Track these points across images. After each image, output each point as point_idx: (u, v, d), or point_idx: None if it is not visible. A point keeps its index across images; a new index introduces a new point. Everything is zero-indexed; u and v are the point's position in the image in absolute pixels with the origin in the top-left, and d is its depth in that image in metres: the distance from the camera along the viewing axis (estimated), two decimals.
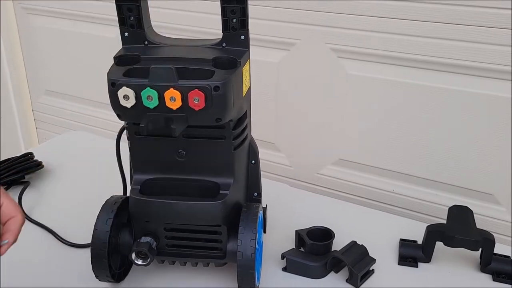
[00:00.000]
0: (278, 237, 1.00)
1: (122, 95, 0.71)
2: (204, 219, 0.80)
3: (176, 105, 0.71)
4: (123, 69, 0.74)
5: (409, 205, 1.20)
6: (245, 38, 0.79)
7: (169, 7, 1.31)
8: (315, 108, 1.23)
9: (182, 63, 0.74)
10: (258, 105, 0.98)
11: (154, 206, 0.80)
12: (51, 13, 1.56)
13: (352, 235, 0.97)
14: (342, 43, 1.14)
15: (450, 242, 0.89)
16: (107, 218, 0.82)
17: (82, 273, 0.89)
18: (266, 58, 1.23)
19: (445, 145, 1.11)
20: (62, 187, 1.19)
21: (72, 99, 1.68)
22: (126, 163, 0.90)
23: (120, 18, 0.80)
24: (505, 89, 1.00)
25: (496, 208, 1.11)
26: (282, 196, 1.15)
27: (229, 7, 0.77)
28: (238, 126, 0.80)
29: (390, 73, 1.11)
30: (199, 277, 0.90)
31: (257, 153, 0.88)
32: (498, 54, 0.98)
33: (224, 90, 0.71)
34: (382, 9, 1.06)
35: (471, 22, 0.99)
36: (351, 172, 1.26)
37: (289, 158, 1.34)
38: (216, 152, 0.80)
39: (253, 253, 0.78)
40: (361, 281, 0.88)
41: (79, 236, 0.99)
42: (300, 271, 0.91)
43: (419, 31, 1.04)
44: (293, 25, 1.18)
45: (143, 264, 0.80)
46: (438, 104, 1.08)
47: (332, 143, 1.25)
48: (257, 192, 0.90)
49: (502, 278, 0.90)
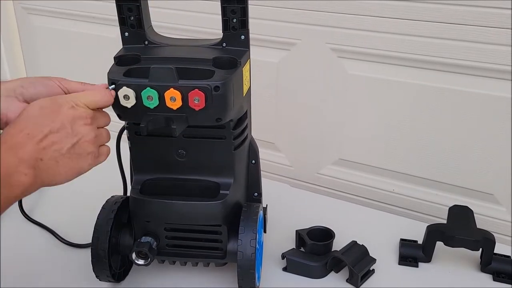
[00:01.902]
0: (279, 237, 1.00)
1: (122, 95, 0.71)
2: (204, 219, 0.80)
3: (176, 105, 0.71)
4: (123, 69, 0.74)
5: (409, 205, 1.20)
6: (245, 38, 0.79)
7: (169, 7, 1.31)
8: (315, 108, 1.23)
9: (182, 63, 0.74)
10: (258, 105, 0.98)
11: (154, 206, 0.80)
12: (51, 13, 1.56)
13: (353, 235, 0.97)
14: (342, 43, 1.14)
15: (451, 242, 0.89)
16: (108, 218, 0.82)
17: (82, 273, 0.89)
18: (266, 58, 1.23)
19: (445, 145, 1.11)
20: (62, 187, 1.18)
21: None
22: (126, 163, 0.90)
23: (120, 18, 0.80)
24: (505, 89, 1.00)
25: (496, 208, 1.11)
26: (283, 196, 1.15)
27: (229, 7, 0.77)
28: (238, 126, 0.80)
29: (390, 73, 1.11)
30: (199, 277, 0.90)
31: (258, 153, 0.88)
32: (499, 54, 0.98)
33: (224, 90, 0.71)
34: (382, 9, 1.06)
35: (472, 22, 0.99)
36: (351, 172, 1.26)
37: (289, 158, 1.33)
38: (216, 152, 0.80)
39: (253, 253, 0.78)
40: (361, 281, 0.88)
41: (79, 236, 0.99)
42: (301, 271, 0.91)
43: (419, 31, 1.04)
44: (293, 25, 1.18)
45: (143, 264, 0.80)
46: (438, 104, 1.08)
47: (332, 143, 1.25)
48: (257, 192, 0.90)
49: (503, 278, 0.90)
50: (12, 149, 0.57)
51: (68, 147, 0.62)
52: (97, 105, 0.67)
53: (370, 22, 1.09)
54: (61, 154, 0.61)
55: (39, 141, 0.59)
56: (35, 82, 0.70)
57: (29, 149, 0.58)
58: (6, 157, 0.56)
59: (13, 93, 0.68)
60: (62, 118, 0.62)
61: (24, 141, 0.58)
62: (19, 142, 0.58)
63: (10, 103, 0.67)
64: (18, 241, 1.01)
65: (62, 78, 0.72)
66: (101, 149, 0.67)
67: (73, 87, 0.71)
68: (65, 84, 0.71)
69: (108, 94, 0.69)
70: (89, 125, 0.64)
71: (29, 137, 0.59)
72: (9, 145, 0.58)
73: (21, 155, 0.57)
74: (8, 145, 0.58)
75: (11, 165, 0.56)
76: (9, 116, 0.66)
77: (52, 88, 0.70)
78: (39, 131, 0.59)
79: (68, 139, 0.62)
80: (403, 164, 1.18)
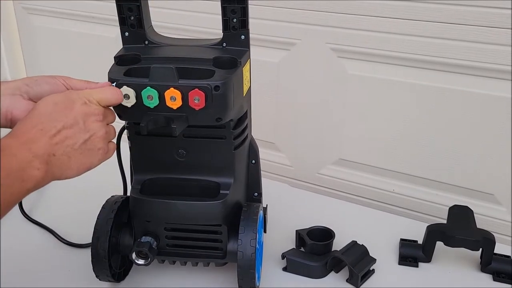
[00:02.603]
0: (279, 237, 1.00)
1: (122, 94, 0.71)
2: (204, 219, 0.80)
3: (176, 105, 0.71)
4: (123, 68, 0.74)
5: (410, 205, 1.20)
6: (245, 38, 0.79)
7: (169, 7, 1.31)
8: (315, 108, 1.23)
9: (182, 63, 0.74)
10: (258, 105, 0.98)
11: (154, 206, 0.80)
12: (51, 13, 1.56)
13: (352, 235, 0.97)
14: (342, 43, 1.14)
15: (451, 242, 0.89)
16: (108, 218, 0.82)
17: (82, 273, 0.89)
18: (267, 58, 1.23)
19: (445, 145, 1.11)
20: (62, 187, 1.19)
21: None
22: (126, 163, 0.90)
23: (121, 18, 0.80)
24: (505, 89, 1.00)
25: (496, 208, 1.11)
26: (283, 196, 1.15)
27: (230, 7, 0.77)
28: (238, 125, 0.80)
29: (390, 73, 1.11)
30: (199, 277, 0.90)
31: (258, 153, 0.88)
32: (499, 54, 0.98)
33: (224, 90, 0.71)
34: (382, 9, 1.06)
35: (472, 22, 0.99)
36: (351, 172, 1.26)
37: (289, 158, 1.33)
38: (216, 152, 0.80)
39: (254, 253, 0.78)
40: (361, 281, 0.88)
41: (79, 236, 0.99)
42: (301, 271, 0.91)
43: (419, 31, 1.04)
44: (293, 25, 1.18)
45: (143, 264, 0.80)
46: (438, 104, 1.08)
47: (332, 143, 1.25)
48: (257, 192, 0.90)
49: (503, 278, 0.90)
50: (26, 144, 0.58)
51: (81, 142, 0.63)
52: (109, 102, 0.69)
53: (370, 22, 1.09)
54: (74, 149, 0.62)
55: (52, 136, 0.60)
56: (40, 81, 0.71)
57: (42, 144, 0.59)
58: (20, 152, 0.57)
59: (18, 91, 0.69)
60: (75, 114, 0.63)
61: (37, 137, 0.59)
62: (32, 137, 0.59)
63: (15, 101, 0.68)
64: (18, 241, 1.01)
65: (66, 76, 0.73)
66: (109, 145, 0.69)
67: (77, 85, 0.72)
68: (69, 82, 0.72)
69: (118, 92, 0.70)
70: (100, 121, 0.66)
71: (43, 133, 0.60)
72: (22, 140, 0.58)
73: (34, 150, 0.58)
74: (21, 141, 0.58)
75: (24, 160, 0.57)
76: (14, 114, 0.67)
77: (57, 86, 0.71)
78: (52, 126, 0.60)
79: (81, 134, 0.63)
80: (403, 164, 1.18)
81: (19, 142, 0.58)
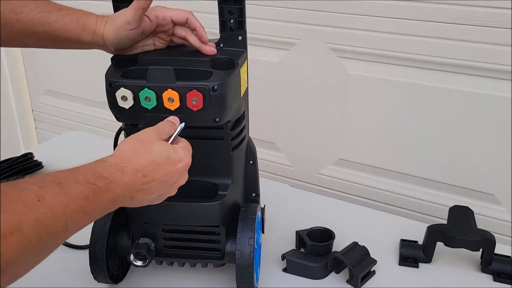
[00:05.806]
0: (279, 237, 1.00)
1: (120, 96, 0.70)
2: (202, 220, 0.80)
3: (174, 106, 0.70)
4: (121, 70, 0.74)
5: (410, 205, 1.20)
6: (242, 39, 0.79)
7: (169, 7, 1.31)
8: (315, 108, 1.23)
9: (180, 64, 0.73)
10: (258, 105, 0.98)
11: (152, 207, 0.79)
12: None
13: (353, 235, 0.96)
14: (342, 43, 1.13)
15: (451, 242, 0.89)
16: (105, 220, 0.82)
17: (80, 274, 0.89)
18: (266, 58, 1.23)
19: (445, 145, 1.11)
20: None
21: (71, 99, 1.68)
22: None
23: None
24: (505, 89, 1.00)
25: (496, 208, 1.10)
26: (282, 196, 1.15)
27: (227, 8, 0.77)
28: (236, 126, 0.80)
29: (390, 73, 1.11)
30: (197, 278, 0.90)
31: (255, 154, 0.88)
32: (499, 54, 0.98)
33: (222, 91, 0.70)
34: (382, 9, 1.06)
35: (472, 22, 0.98)
36: (351, 172, 1.25)
37: (289, 158, 1.33)
38: (214, 153, 0.80)
39: (252, 252, 0.78)
40: (361, 282, 0.88)
41: (77, 237, 0.98)
42: (301, 272, 0.91)
43: (419, 31, 1.04)
44: (293, 25, 1.18)
45: (141, 265, 0.80)
46: (438, 104, 1.08)
47: (332, 143, 1.25)
48: (255, 192, 0.90)
49: (503, 278, 0.90)
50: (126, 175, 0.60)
51: (164, 191, 0.67)
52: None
53: (370, 22, 1.08)
54: (156, 196, 0.66)
55: (145, 183, 0.63)
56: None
57: (136, 185, 0.62)
58: (124, 178, 0.60)
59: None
60: (173, 173, 0.66)
61: (134, 179, 0.62)
62: (132, 178, 0.61)
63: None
64: None
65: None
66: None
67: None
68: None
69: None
70: (186, 172, 0.69)
71: (140, 177, 0.62)
72: (129, 175, 0.61)
73: (128, 185, 0.60)
74: (129, 173, 0.61)
75: (121, 187, 0.59)
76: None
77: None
78: (150, 177, 0.63)
79: (167, 187, 0.67)
80: (403, 164, 1.18)
81: (129, 172, 0.61)
